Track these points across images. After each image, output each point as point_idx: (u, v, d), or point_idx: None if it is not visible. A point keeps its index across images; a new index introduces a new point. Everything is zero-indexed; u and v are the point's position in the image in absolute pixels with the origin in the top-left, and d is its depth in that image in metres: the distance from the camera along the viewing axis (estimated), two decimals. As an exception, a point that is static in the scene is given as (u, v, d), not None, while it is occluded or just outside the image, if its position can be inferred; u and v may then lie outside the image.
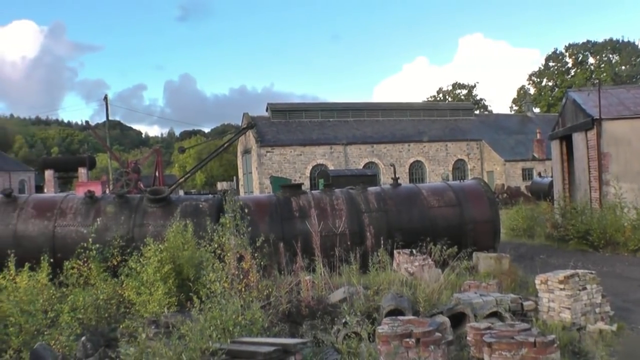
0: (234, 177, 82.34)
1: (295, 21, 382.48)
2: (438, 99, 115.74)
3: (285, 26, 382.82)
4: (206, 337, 7.97)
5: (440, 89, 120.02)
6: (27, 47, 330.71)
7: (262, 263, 12.79)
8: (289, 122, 66.15)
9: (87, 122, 76.64)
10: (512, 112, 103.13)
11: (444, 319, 10.03)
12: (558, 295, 11.36)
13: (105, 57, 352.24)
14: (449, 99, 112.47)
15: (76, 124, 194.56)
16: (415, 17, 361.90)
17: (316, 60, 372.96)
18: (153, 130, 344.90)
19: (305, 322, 11.16)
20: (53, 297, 12.27)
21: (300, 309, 11.60)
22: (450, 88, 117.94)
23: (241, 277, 11.93)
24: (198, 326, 8.34)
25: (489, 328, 8.61)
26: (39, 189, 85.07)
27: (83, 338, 10.42)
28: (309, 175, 61.39)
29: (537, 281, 12.00)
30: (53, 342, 10.49)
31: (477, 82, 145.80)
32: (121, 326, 11.41)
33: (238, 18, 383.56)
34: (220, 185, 75.67)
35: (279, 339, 8.95)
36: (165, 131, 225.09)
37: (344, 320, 10.24)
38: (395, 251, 16.04)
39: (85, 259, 14.06)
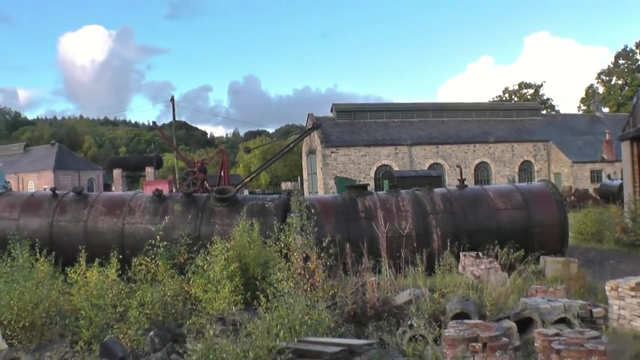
0: (298, 178, 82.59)
1: (360, 22, 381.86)
2: (504, 98, 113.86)
3: (349, 27, 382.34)
4: (273, 336, 7.98)
5: (506, 88, 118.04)
6: (97, 51, 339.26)
7: (327, 263, 12.79)
8: (354, 123, 66.00)
9: (154, 122, 78.12)
10: (580, 112, 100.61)
11: (510, 324, 9.87)
12: (629, 303, 11.02)
13: (172, 60, 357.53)
14: (515, 99, 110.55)
15: (143, 124, 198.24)
16: (480, 17, 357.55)
17: (380, 61, 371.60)
18: (218, 131, 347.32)
19: (370, 323, 11.12)
20: (122, 292, 12.51)
21: (365, 310, 11.56)
22: (516, 88, 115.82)
23: (307, 276, 11.95)
24: (265, 324, 8.36)
25: (557, 335, 8.41)
26: (107, 187, 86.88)
27: (151, 333, 10.57)
28: (373, 176, 61.19)
29: (607, 287, 11.65)
30: (122, 335, 10.71)
31: (544, 82, 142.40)
32: (188, 322, 11.55)
33: (303, 19, 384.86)
34: (285, 186, 76.18)
35: (345, 339, 8.93)
36: (230, 131, 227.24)
37: (409, 323, 10.16)
38: (461, 254, 15.87)
39: (152, 256, 14.30)
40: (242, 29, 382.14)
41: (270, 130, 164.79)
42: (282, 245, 13.13)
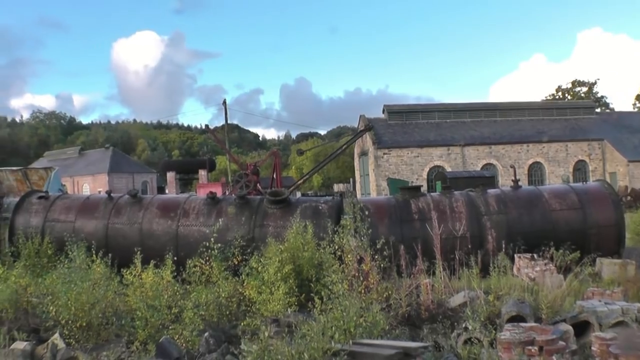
0: (351, 179, 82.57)
1: (410, 22, 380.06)
2: (557, 97, 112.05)
3: (400, 27, 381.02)
4: (327, 338, 7.99)
5: (559, 86, 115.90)
6: (149, 57, 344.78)
7: (381, 265, 12.75)
8: (406, 124, 65.70)
9: (206, 125, 78.54)
10: (636, 110, 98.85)
11: (567, 327, 9.72)
12: (689, 305, 10.79)
13: (223, 64, 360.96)
14: (569, 97, 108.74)
15: (195, 127, 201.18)
16: (532, 14, 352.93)
17: (431, 61, 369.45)
18: (270, 133, 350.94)
19: (424, 325, 11.06)
20: (177, 293, 12.66)
21: (419, 312, 11.51)
22: (569, 86, 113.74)
23: (361, 278, 11.93)
24: (319, 326, 8.37)
25: (615, 338, 8.26)
26: (161, 190, 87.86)
27: (206, 334, 10.67)
28: (426, 177, 60.83)
29: (666, 289, 11.42)
30: (177, 336, 10.85)
31: (598, 79, 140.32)
32: (242, 324, 11.65)
33: (353, 20, 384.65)
34: (337, 187, 76.12)
35: (400, 341, 8.89)
36: (281, 134, 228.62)
37: (464, 325, 10.08)
38: (515, 255, 15.66)
39: (207, 258, 14.42)
40: (295, 31, 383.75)
41: (322, 132, 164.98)
42: (336, 247, 13.12)
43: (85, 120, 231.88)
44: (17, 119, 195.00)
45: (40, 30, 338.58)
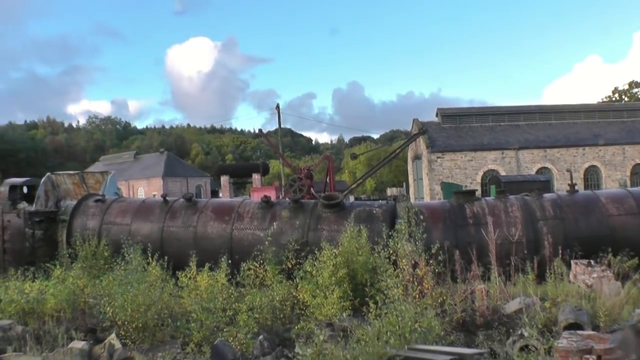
0: (404, 183, 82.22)
1: (463, 25, 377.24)
2: (613, 99, 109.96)
3: (453, 30, 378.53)
4: (382, 343, 7.97)
5: (615, 88, 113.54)
6: (203, 62, 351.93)
7: (436, 270, 12.66)
8: (459, 127, 65.03)
9: (260, 130, 79.28)
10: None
11: (626, 336, 9.54)
12: None
13: (276, 68, 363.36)
14: (625, 99, 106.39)
15: (249, 132, 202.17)
16: (586, 14, 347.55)
17: (484, 64, 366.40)
18: (323, 137, 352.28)
19: (479, 332, 10.95)
20: (231, 296, 12.77)
21: (474, 319, 11.41)
22: (626, 87, 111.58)
23: (415, 283, 11.86)
24: (374, 331, 8.35)
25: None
26: (214, 193, 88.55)
27: (260, 337, 10.74)
28: (479, 181, 60.20)
29: None
30: (231, 338, 10.95)
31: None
32: (296, 327, 11.68)
33: (406, 25, 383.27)
34: (390, 191, 75.94)
35: (455, 348, 8.84)
36: (334, 138, 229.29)
37: (520, 332, 9.96)
38: (572, 261, 15.40)
39: (261, 261, 14.51)
40: (346, 36, 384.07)
41: (375, 136, 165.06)
42: (391, 251, 13.07)
43: (140, 125, 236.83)
44: (74, 125, 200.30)
45: (97, 39, 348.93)
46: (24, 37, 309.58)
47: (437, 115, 67.32)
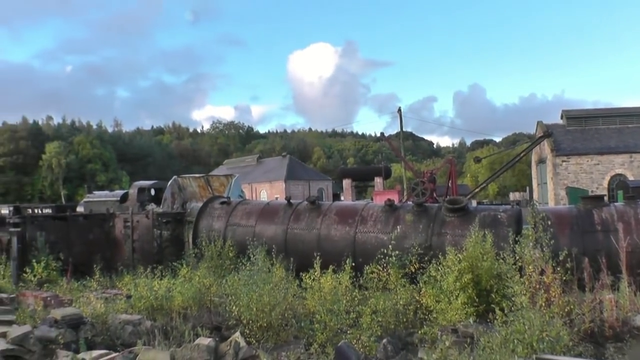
0: (527, 188, 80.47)
1: (586, 25, 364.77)
2: None
3: (576, 31, 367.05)
4: (509, 351, 7.81)
5: None
6: (324, 68, 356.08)
7: (563, 278, 12.29)
8: (585, 130, 62.75)
9: (382, 133, 79.50)
10: None
11: None
12: None
13: (397, 72, 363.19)
14: None
15: (370, 135, 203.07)
16: None
17: (609, 64, 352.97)
18: (444, 141, 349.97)
19: (608, 343, 10.57)
20: (355, 299, 12.81)
21: (603, 330, 11.01)
22: None
23: (542, 291, 11.56)
24: (501, 338, 8.20)
25: None
26: (336, 197, 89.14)
27: (384, 340, 10.71)
28: (606, 186, 58.01)
29: None
30: (355, 341, 10.97)
31: None
32: (419, 332, 11.61)
33: (530, 26, 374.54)
34: (513, 196, 74.50)
35: (584, 359, 8.57)
36: (456, 141, 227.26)
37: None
38: None
39: (384, 265, 14.48)
40: (467, 37, 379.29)
41: (497, 139, 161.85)
42: (518, 257, 12.79)
43: (262, 129, 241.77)
44: (199, 130, 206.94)
45: (221, 48, 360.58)
46: (152, 48, 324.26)
47: (561, 118, 65.30)
